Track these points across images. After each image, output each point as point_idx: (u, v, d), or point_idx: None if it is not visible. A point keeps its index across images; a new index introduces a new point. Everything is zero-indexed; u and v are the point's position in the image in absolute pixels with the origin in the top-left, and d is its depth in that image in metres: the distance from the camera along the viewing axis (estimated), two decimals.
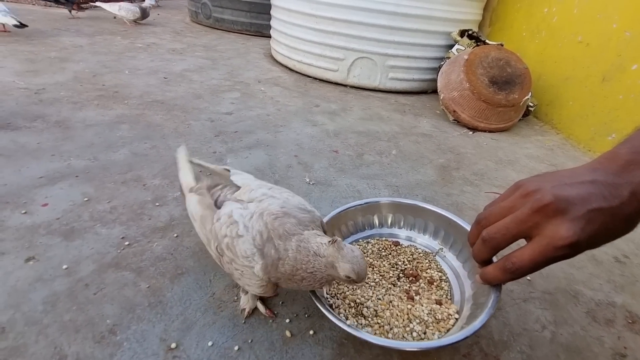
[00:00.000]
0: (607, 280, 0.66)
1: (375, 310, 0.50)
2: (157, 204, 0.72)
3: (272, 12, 1.86)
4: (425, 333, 0.47)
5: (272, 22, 1.88)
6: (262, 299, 0.53)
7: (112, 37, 1.99)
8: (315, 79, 1.69)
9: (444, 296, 0.54)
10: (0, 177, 0.73)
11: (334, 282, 0.54)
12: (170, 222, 0.67)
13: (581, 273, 0.67)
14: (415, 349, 0.44)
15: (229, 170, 0.55)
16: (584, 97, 1.22)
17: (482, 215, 0.45)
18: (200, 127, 1.07)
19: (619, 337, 0.55)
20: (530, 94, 1.28)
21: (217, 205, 0.48)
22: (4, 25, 1.73)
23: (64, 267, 0.55)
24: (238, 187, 0.50)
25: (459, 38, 1.48)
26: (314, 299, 0.45)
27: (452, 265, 0.59)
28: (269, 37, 1.99)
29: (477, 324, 0.42)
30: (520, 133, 1.33)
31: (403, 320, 0.48)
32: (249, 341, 0.48)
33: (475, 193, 0.90)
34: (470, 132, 1.29)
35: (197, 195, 0.50)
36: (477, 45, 1.41)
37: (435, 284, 0.56)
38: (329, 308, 0.44)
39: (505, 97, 1.24)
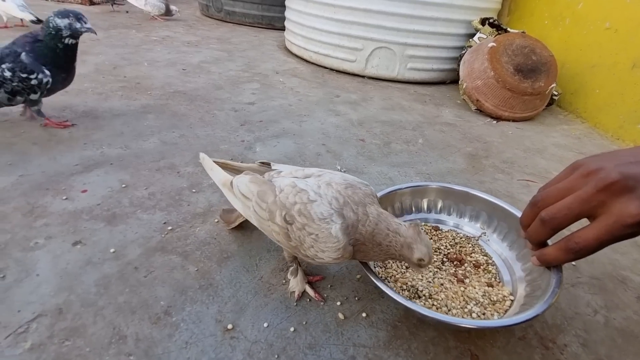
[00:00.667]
0: None
1: (429, 293, 0.49)
2: (193, 190, 0.72)
3: (287, 2, 1.85)
4: (484, 314, 0.47)
5: (287, 13, 1.86)
6: (310, 283, 0.53)
7: (127, 31, 1.98)
8: (332, 70, 1.68)
9: (494, 279, 0.53)
10: (38, 164, 0.74)
11: (389, 262, 0.54)
12: (209, 208, 0.67)
13: (626, 259, 0.65)
14: (486, 327, 0.43)
15: (264, 164, 0.54)
16: (612, 85, 1.20)
17: (539, 197, 0.44)
18: (225, 117, 1.07)
19: None
20: (555, 82, 1.26)
21: None
22: (22, 20, 1.73)
23: (112, 250, 0.55)
24: (279, 172, 0.50)
25: (480, 26, 1.46)
26: (370, 275, 0.45)
27: (497, 249, 0.59)
28: (281, 29, 1.98)
29: (543, 303, 0.41)
30: (545, 122, 1.31)
31: (459, 302, 0.48)
32: (304, 323, 0.47)
33: (507, 180, 0.89)
34: (494, 122, 1.28)
35: (246, 176, 0.49)
36: (499, 34, 1.39)
37: (481, 267, 0.56)
38: (386, 284, 0.44)
39: (531, 85, 1.22)
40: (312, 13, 1.63)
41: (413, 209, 0.64)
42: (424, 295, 0.49)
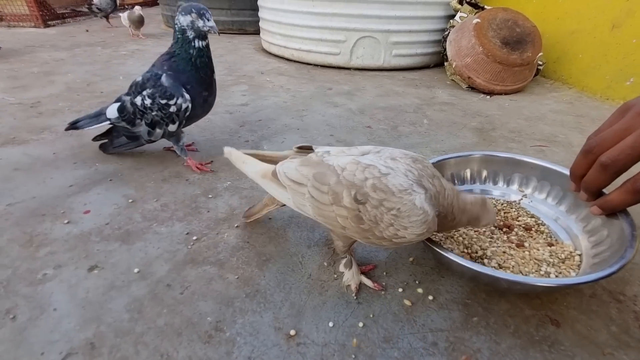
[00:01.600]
0: None
1: (499, 264, 0.46)
2: (209, 196, 0.65)
3: (260, 2, 1.80)
4: (560, 273, 0.44)
5: (262, 14, 1.82)
6: (365, 273, 0.48)
7: (92, 48, 1.87)
8: (317, 65, 1.65)
9: (550, 237, 0.51)
10: (26, 190, 0.65)
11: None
12: (232, 212, 0.61)
13: None
14: (590, 280, 0.38)
15: (303, 148, 0.48)
16: (594, 48, 1.24)
17: (594, 143, 0.42)
18: (221, 120, 1.01)
19: None
20: (541, 52, 1.28)
21: None
22: None
23: (135, 270, 0.48)
24: (327, 152, 0.45)
25: (459, 6, 1.47)
26: (438, 249, 0.41)
27: (543, 208, 0.57)
28: (254, 33, 1.93)
29: (628, 252, 0.39)
30: (535, 92, 1.34)
31: (532, 266, 0.45)
32: (371, 316, 0.43)
33: (521, 148, 0.89)
34: (488, 97, 1.29)
35: (292, 160, 0.44)
36: (478, 12, 1.40)
37: (533, 229, 0.54)
38: (457, 255, 0.40)
39: (520, 56, 1.24)
40: (289, 9, 1.59)
41: (461, 179, 0.61)
42: (493, 266, 0.46)
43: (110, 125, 0.74)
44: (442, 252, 0.41)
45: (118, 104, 0.70)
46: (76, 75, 1.37)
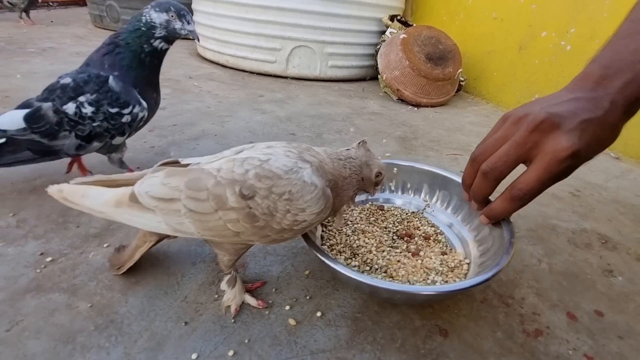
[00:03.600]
0: (572, 211, 0.70)
1: (387, 271, 0.44)
2: None
3: (193, 5, 1.72)
4: (446, 282, 0.43)
5: (196, 16, 1.73)
6: (250, 291, 0.43)
7: None
8: (253, 72, 1.60)
9: (445, 247, 0.51)
10: None
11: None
12: (108, 227, 0.52)
13: (550, 209, 0.70)
14: (453, 290, 0.37)
15: (170, 164, 0.40)
16: (506, 67, 1.35)
17: (477, 152, 0.44)
18: None
19: (600, 257, 0.57)
20: (461, 68, 1.37)
21: None
22: None
23: None
24: (196, 163, 0.40)
25: (390, 22, 1.53)
26: (321, 256, 0.37)
27: (443, 218, 0.57)
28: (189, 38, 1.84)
29: (504, 258, 0.38)
30: (457, 106, 1.42)
31: (420, 275, 0.43)
32: (246, 341, 0.37)
33: (437, 157, 0.91)
34: (416, 108, 1.33)
35: (155, 175, 0.37)
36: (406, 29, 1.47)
37: (432, 238, 0.53)
38: (342, 263, 0.37)
39: (442, 71, 1.31)
40: (222, 14, 1.53)
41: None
42: (385, 277, 0.43)
43: (3, 140, 0.54)
44: (323, 259, 0.37)
45: (25, 111, 0.53)
46: None
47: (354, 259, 0.47)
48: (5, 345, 0.34)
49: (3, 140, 0.53)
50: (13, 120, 0.53)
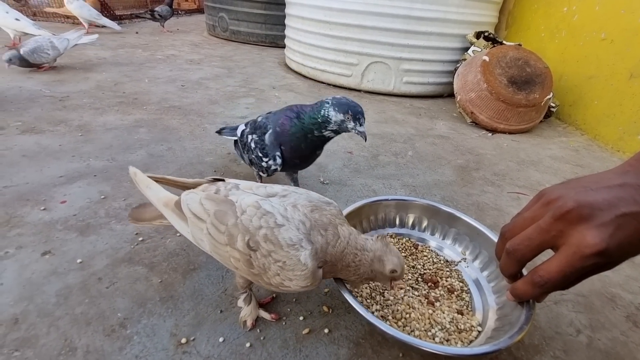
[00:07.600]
0: None
1: (393, 311, 0.47)
2: None
3: (286, 21, 1.90)
4: (448, 340, 0.44)
5: (286, 31, 1.91)
6: (263, 305, 0.50)
7: (134, 50, 2.07)
8: (329, 84, 1.70)
9: (465, 307, 0.50)
10: (23, 176, 0.75)
11: (367, 281, 0.49)
12: None
13: (617, 275, 0.61)
14: (451, 354, 0.39)
15: (218, 180, 0.47)
16: (610, 96, 1.17)
17: (507, 228, 0.41)
18: (215, 130, 1.08)
19: None
20: (551, 94, 1.23)
21: None
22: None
23: (78, 261, 0.55)
24: (236, 185, 0.46)
25: (475, 40, 1.46)
26: (340, 289, 0.43)
27: (475, 276, 0.55)
28: (284, 47, 2.03)
29: (508, 338, 0.38)
30: (543, 134, 1.28)
31: (425, 324, 0.45)
32: (261, 338, 0.46)
33: (497, 193, 0.86)
34: (490, 134, 1.25)
35: (199, 192, 0.44)
36: (494, 47, 1.38)
37: (455, 293, 0.52)
38: (356, 300, 0.42)
39: (526, 97, 1.20)
40: (308, 30, 1.66)
41: (397, 222, 0.62)
42: (390, 315, 0.46)
43: (235, 138, 0.78)
44: (337, 284, 0.43)
45: (242, 127, 0.73)
46: (109, 75, 1.54)
47: (368, 285, 0.51)
48: (103, 298, 0.49)
49: (236, 138, 0.77)
50: (239, 131, 0.75)
